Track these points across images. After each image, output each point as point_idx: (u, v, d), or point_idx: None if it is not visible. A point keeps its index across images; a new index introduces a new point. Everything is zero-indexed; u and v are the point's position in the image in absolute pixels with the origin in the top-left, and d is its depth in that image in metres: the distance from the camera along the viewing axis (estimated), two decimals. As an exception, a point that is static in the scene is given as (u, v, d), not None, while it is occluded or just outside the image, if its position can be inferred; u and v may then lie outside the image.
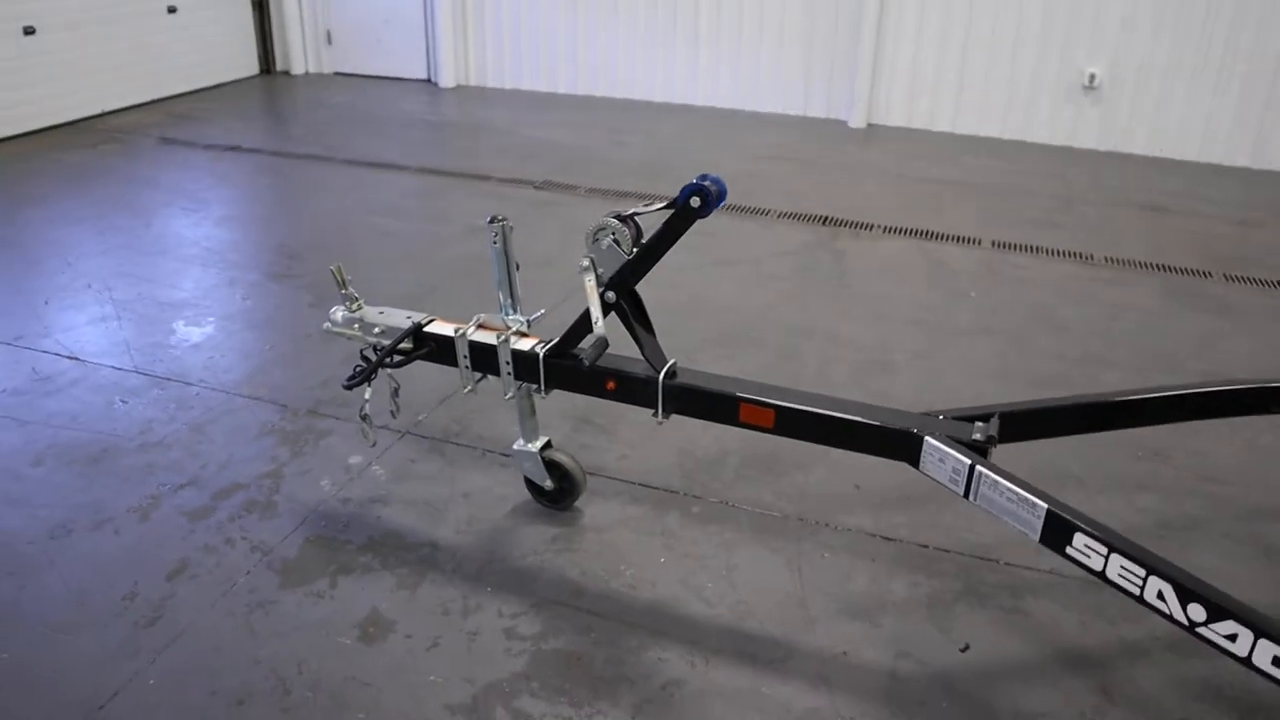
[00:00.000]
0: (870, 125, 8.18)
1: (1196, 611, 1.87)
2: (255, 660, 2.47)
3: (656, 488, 3.22)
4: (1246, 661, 1.81)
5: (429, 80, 9.41)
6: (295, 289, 4.70)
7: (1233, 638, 1.82)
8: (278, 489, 3.15)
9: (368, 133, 7.62)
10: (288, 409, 3.62)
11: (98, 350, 4.03)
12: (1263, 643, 1.78)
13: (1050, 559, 2.86)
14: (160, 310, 4.42)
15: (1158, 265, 5.31)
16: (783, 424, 2.52)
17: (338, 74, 9.66)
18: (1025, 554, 2.90)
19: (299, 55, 9.58)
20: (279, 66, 9.62)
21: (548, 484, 3.01)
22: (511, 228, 2.71)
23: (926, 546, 2.97)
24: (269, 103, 8.80)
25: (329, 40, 9.59)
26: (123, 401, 3.65)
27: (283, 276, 4.85)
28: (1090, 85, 7.58)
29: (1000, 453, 2.39)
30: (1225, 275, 5.24)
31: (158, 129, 7.55)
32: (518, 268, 2.77)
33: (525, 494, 3.11)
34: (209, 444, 3.39)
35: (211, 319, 4.35)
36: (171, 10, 8.35)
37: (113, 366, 3.90)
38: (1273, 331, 4.59)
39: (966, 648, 2.59)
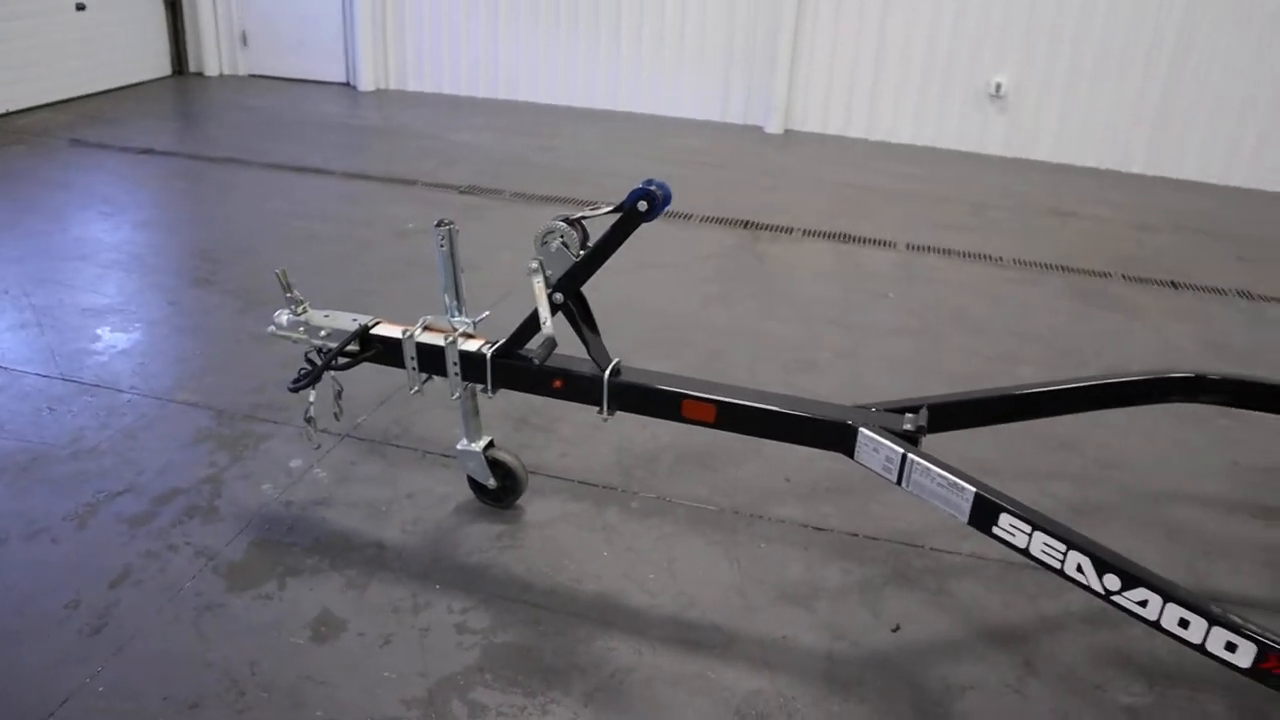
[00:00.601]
0: (787, 131, 8.38)
1: (1112, 581, 2.02)
2: (206, 664, 2.49)
3: (596, 484, 3.31)
4: (1156, 625, 1.97)
5: (348, 83, 9.35)
6: (222, 294, 4.67)
7: (1144, 603, 1.98)
8: (219, 494, 3.15)
9: (287, 136, 7.55)
10: (224, 414, 3.61)
11: (19, 358, 3.96)
12: (1170, 606, 1.95)
13: (972, 544, 3.04)
14: (83, 316, 4.35)
15: (1063, 266, 5.57)
16: (724, 419, 2.63)
17: (253, 76, 9.54)
18: (949, 539, 3.06)
19: (213, 56, 9.43)
20: (192, 68, 9.46)
21: (491, 483, 3.07)
22: (458, 231, 2.77)
23: (856, 535, 3.11)
24: (183, 105, 8.66)
25: (244, 41, 9.47)
26: (50, 409, 3.60)
27: (207, 282, 4.82)
28: (996, 94, 7.89)
29: (926, 444, 2.53)
30: (1125, 276, 5.52)
31: (67, 130, 7.38)
32: (464, 270, 2.83)
33: (468, 493, 3.17)
34: (144, 450, 3.37)
35: (138, 325, 4.31)
36: (80, 8, 8.16)
37: (37, 374, 3.84)
38: (1168, 328, 4.87)
39: (898, 628, 2.73)
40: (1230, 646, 1.90)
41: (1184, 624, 1.94)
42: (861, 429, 2.45)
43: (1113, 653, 2.70)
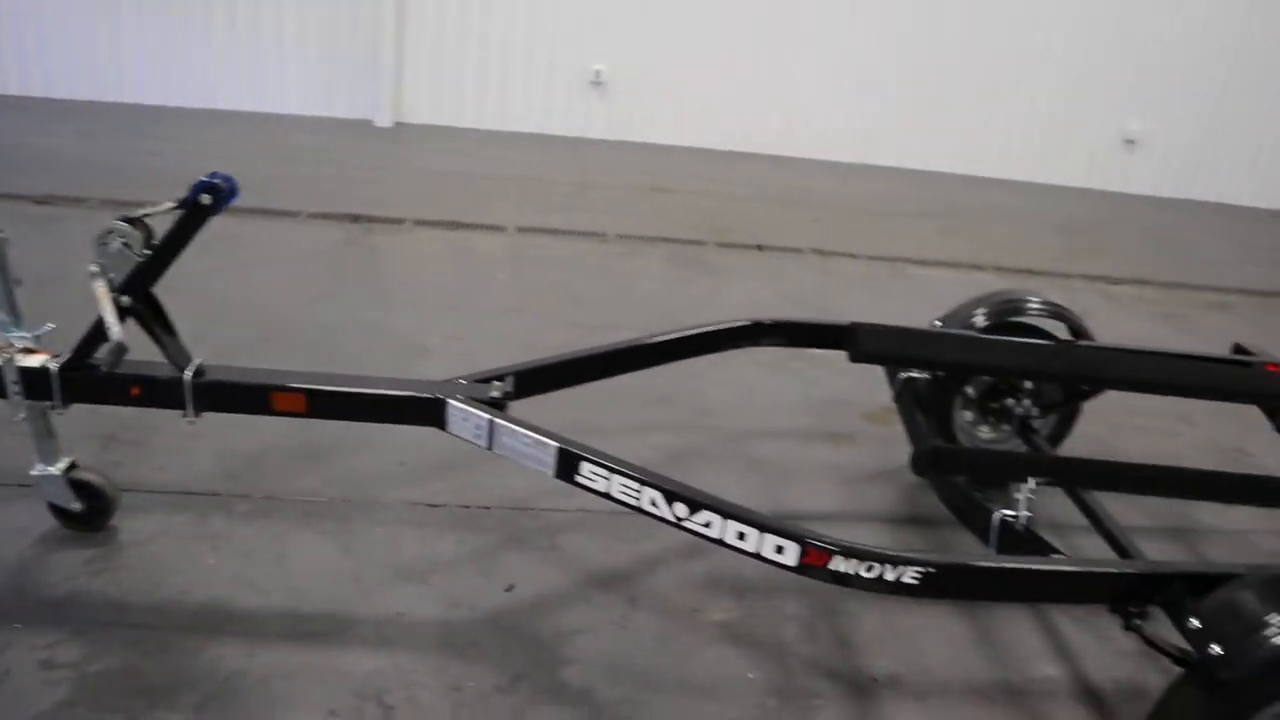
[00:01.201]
0: (398, 124, 8.34)
1: (681, 509, 2.23)
2: None
3: (199, 493, 3.17)
4: (720, 541, 2.20)
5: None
6: None
7: (708, 524, 2.20)
8: None
9: None
10: None
11: None
12: (729, 523, 2.18)
13: (580, 500, 3.20)
14: None
15: (662, 238, 5.98)
16: (316, 407, 2.61)
17: None
18: (556, 499, 3.22)
19: None
20: None
21: (75, 506, 2.86)
22: (7, 239, 2.55)
23: (469, 507, 3.19)
24: None
25: None
26: None
27: None
28: (597, 81, 8.28)
29: (532, 410, 2.65)
30: (717, 243, 6.01)
31: None
32: (18, 283, 2.61)
33: (52, 521, 2.93)
34: None
35: None
36: None
37: None
38: (754, 286, 5.37)
39: (511, 588, 2.84)
40: (779, 549, 2.15)
41: (742, 536, 2.18)
42: (450, 401, 2.53)
43: (705, 579, 2.97)
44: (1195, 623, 2.09)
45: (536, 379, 2.82)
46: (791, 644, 2.76)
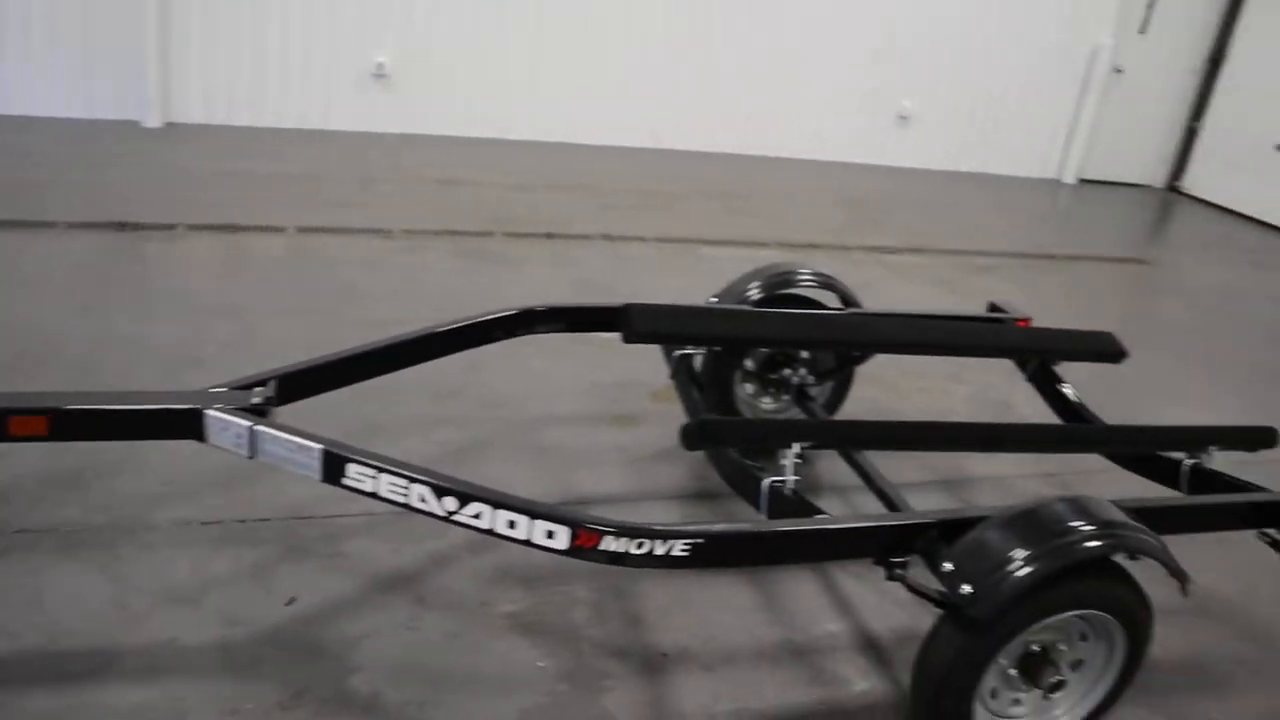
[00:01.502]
0: (169, 124, 7.88)
1: (450, 503, 2.19)
2: None
3: (-63, 533, 2.92)
4: (491, 531, 2.17)
5: None
6: None
7: (478, 515, 2.17)
8: None
9: None
10: None
11: None
12: (499, 512, 2.15)
13: (363, 503, 3.12)
14: None
15: (449, 231, 5.88)
16: (60, 428, 2.42)
17: None
18: (340, 504, 3.12)
19: None
20: None
21: None
22: None
23: (245, 520, 3.06)
24: None
25: None
26: None
27: None
28: (380, 73, 8.06)
29: (315, 413, 2.55)
30: (505, 233, 5.97)
31: None
32: None
33: None
34: None
35: None
36: None
37: None
38: (543, 274, 5.36)
39: (293, 600, 2.74)
40: (550, 534, 2.15)
41: (512, 524, 2.16)
42: (207, 411, 2.40)
43: (495, 571, 2.95)
44: (948, 566, 2.21)
45: (303, 382, 2.72)
46: (582, 628, 2.77)
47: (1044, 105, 10.05)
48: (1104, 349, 3.56)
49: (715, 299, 3.52)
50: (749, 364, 3.57)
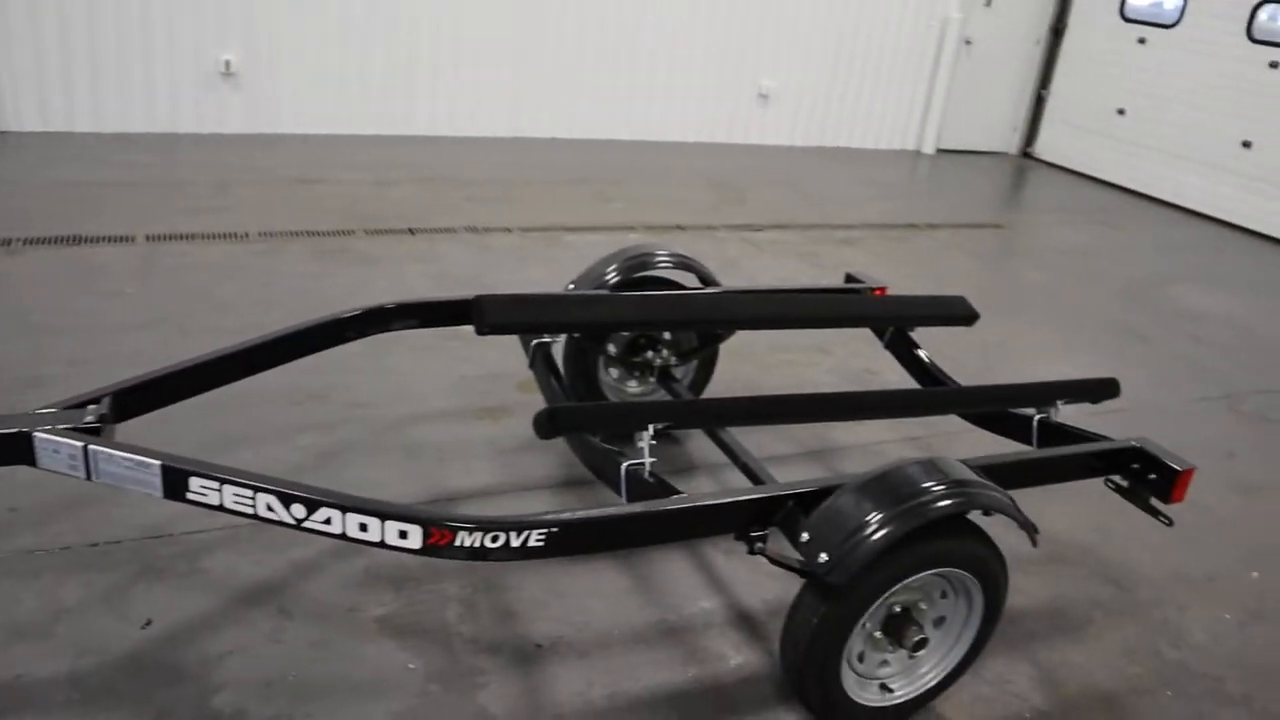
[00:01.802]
0: (1, 133, 7.48)
1: (299, 510, 2.12)
2: None
3: None
4: (343, 536, 2.12)
5: None
6: None
7: (328, 521, 2.11)
8: None
9: None
10: None
11: None
12: (349, 516, 2.10)
13: (223, 517, 3.02)
14: None
15: (309, 231, 5.73)
16: None
17: None
18: (198, 519, 3.01)
19: None
20: None
21: None
22: None
23: (97, 544, 2.93)
24: None
25: None
26: None
27: None
28: (228, 72, 7.78)
29: (158, 431, 2.44)
30: (366, 230, 5.84)
31: None
32: None
33: None
34: None
35: None
36: None
37: None
38: (405, 270, 5.27)
39: (149, 623, 2.64)
40: (403, 534, 2.10)
41: (364, 528, 2.11)
42: (36, 433, 2.28)
43: (364, 575, 2.88)
44: (805, 536, 2.24)
45: (142, 397, 2.61)
46: (454, 626, 2.73)
47: (899, 79, 10.31)
48: (957, 313, 3.66)
49: (573, 285, 3.50)
50: (611, 349, 3.56)
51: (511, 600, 2.85)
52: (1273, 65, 8.61)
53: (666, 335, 3.62)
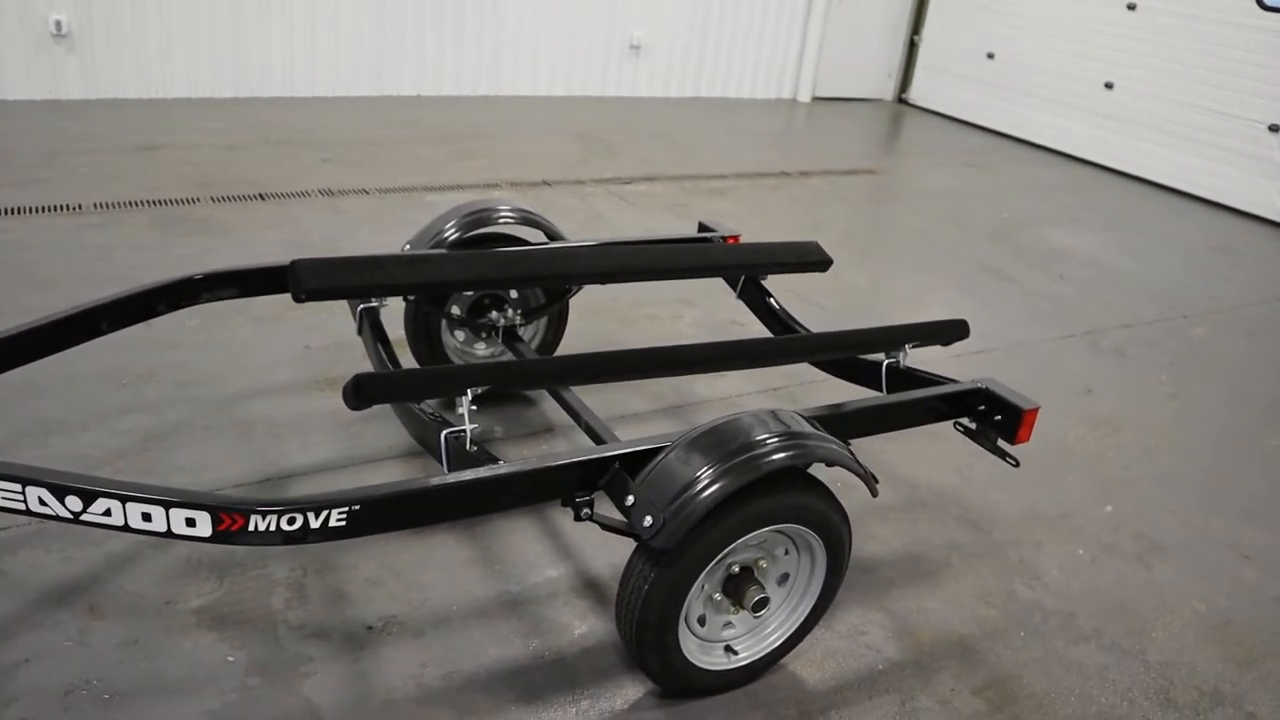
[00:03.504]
0: None
1: (74, 503, 1.93)
2: None
3: None
4: (126, 528, 1.94)
5: None
6: None
7: (108, 513, 1.93)
8: None
9: None
10: None
11: None
12: (130, 506, 1.92)
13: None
14: None
15: (150, 201, 5.40)
16: None
17: None
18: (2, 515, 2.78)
19: None
20: None
21: None
22: None
23: (-120, 548, 2.67)
24: None
25: None
26: None
27: None
28: (60, 33, 7.29)
29: None
30: (213, 198, 5.53)
31: None
32: None
33: None
34: None
35: None
36: None
37: None
38: (257, 237, 4.99)
39: (-65, 633, 2.41)
40: (191, 522, 1.93)
41: (148, 517, 1.93)
42: None
43: (185, 564, 2.70)
44: (630, 499, 2.14)
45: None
46: (280, 612, 2.57)
47: (773, 26, 10.22)
48: (810, 259, 3.58)
49: (408, 246, 3.33)
50: (455, 311, 3.40)
51: (344, 581, 2.70)
52: (1130, 7, 8.75)
53: (513, 294, 3.47)
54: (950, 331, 3.20)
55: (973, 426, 2.91)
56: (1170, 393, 4.51)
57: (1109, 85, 9.02)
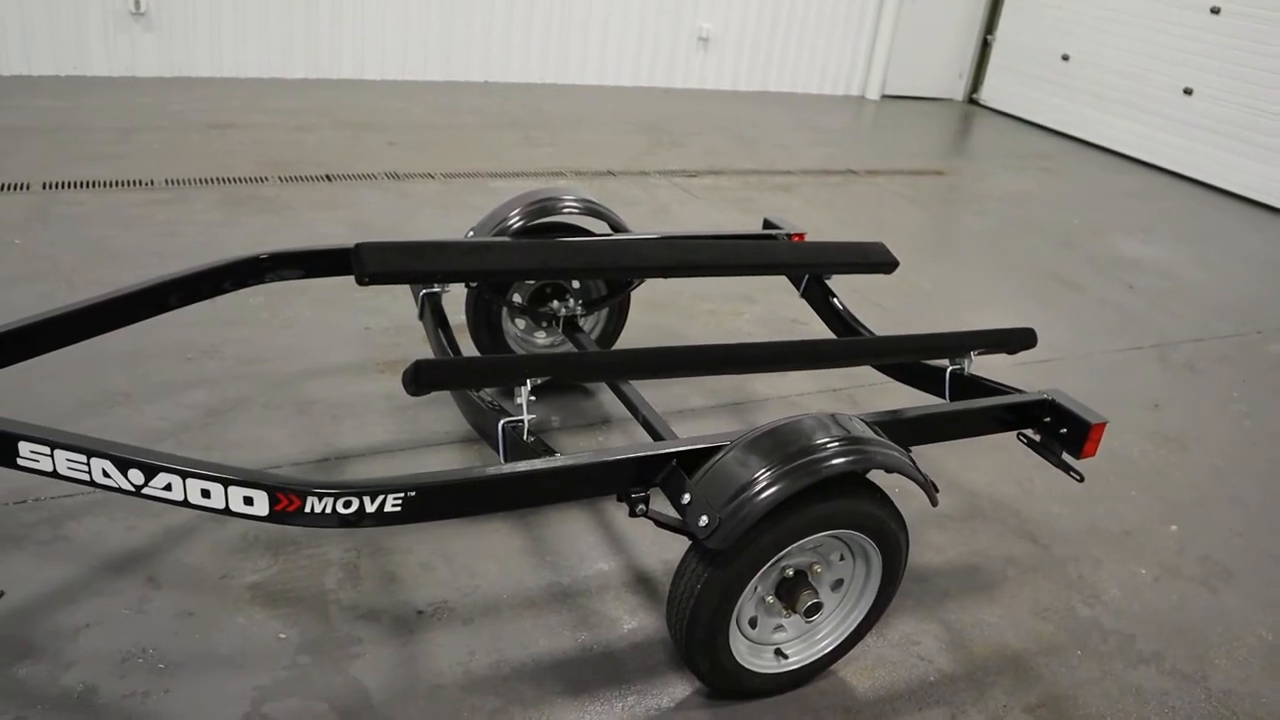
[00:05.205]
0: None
1: (136, 476, 1.96)
2: None
3: None
4: (185, 503, 1.96)
5: None
6: None
7: (169, 487, 1.95)
8: None
9: None
10: None
11: None
12: (190, 482, 1.94)
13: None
14: None
15: (218, 179, 5.48)
16: None
17: None
18: (66, 485, 2.82)
19: None
20: None
21: None
22: None
23: (-51, 513, 2.74)
24: None
25: None
26: None
27: None
28: (138, 11, 7.42)
29: (37, 389, 2.26)
30: (280, 177, 5.60)
31: None
32: None
33: None
34: None
35: None
36: None
37: None
38: (319, 217, 5.05)
39: (0, 595, 2.46)
40: (249, 500, 1.95)
41: (207, 494, 1.95)
42: None
43: (241, 540, 2.72)
44: (686, 498, 2.11)
45: (9, 347, 2.42)
46: (333, 592, 2.59)
47: (844, 22, 10.11)
48: (875, 260, 3.53)
49: (471, 232, 3.33)
50: (517, 299, 3.40)
51: (397, 564, 2.71)
52: (1214, 11, 8.51)
53: (575, 284, 3.46)
54: (1017, 340, 3.13)
55: (1037, 439, 2.85)
56: (1242, 411, 4.38)
57: (1188, 91, 8.78)
